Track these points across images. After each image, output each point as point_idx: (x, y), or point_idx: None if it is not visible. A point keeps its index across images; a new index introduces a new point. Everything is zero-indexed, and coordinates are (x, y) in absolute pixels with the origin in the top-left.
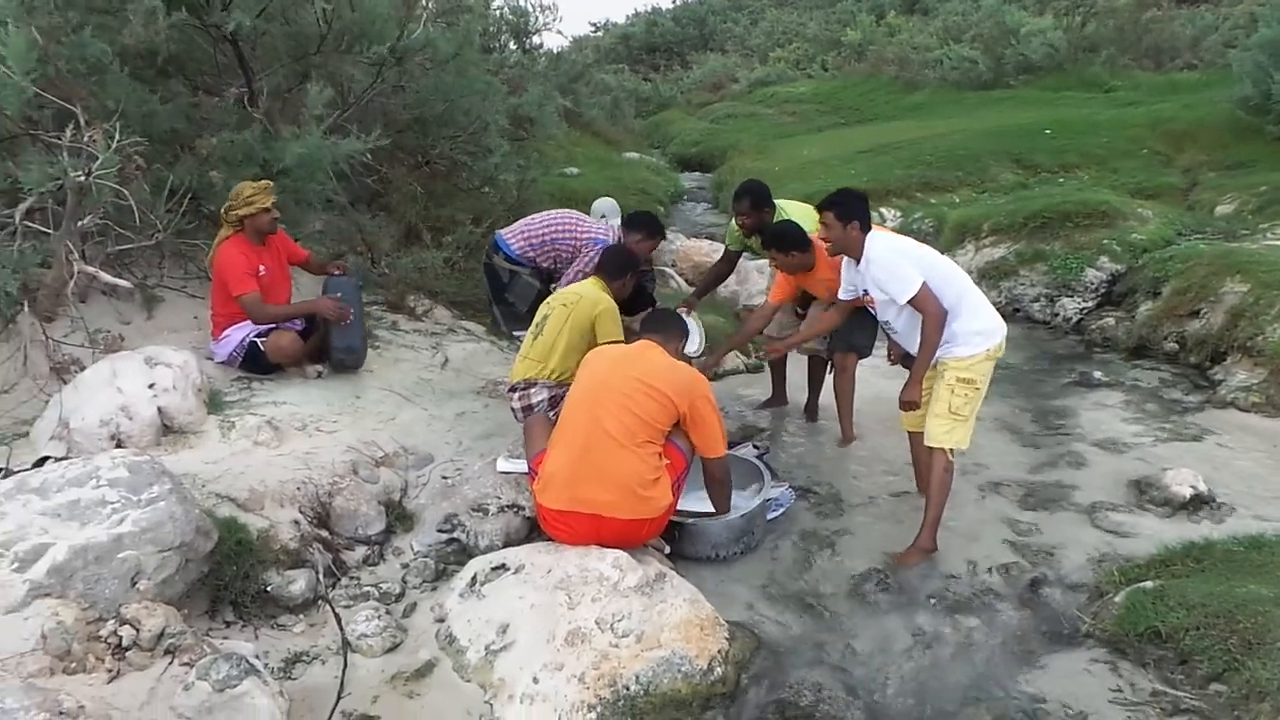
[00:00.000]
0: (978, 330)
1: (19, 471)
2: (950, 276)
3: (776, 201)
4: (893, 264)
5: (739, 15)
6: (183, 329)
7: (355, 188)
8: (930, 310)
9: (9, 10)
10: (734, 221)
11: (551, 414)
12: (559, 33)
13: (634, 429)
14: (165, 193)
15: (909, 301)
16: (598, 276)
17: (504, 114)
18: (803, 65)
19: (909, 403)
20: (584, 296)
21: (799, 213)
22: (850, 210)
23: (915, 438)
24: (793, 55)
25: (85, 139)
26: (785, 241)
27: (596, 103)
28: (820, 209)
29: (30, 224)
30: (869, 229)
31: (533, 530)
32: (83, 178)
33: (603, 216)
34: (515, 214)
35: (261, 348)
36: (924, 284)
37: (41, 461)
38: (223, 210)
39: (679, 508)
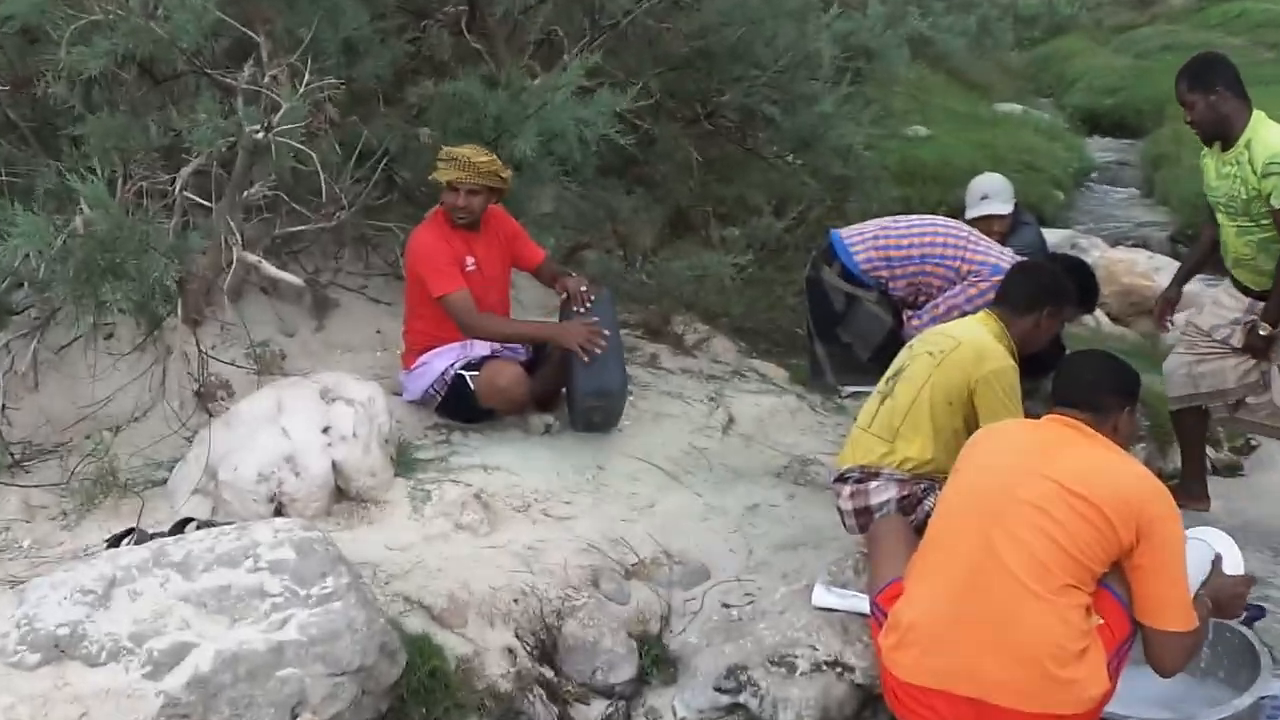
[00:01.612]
0: None
1: (155, 535)
2: None
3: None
4: None
5: None
6: (360, 348)
7: (604, 151)
8: None
9: None
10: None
11: (909, 520)
12: None
13: (1051, 565)
14: (354, 156)
15: None
16: (992, 310)
17: (830, 44)
18: None
19: None
20: (963, 343)
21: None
22: None
23: None
24: None
25: (266, 79)
26: None
27: (956, 25)
28: None
29: (187, 194)
30: None
31: (867, 704)
32: (260, 134)
33: (983, 198)
34: (838, 197)
35: (471, 385)
36: None
37: (182, 525)
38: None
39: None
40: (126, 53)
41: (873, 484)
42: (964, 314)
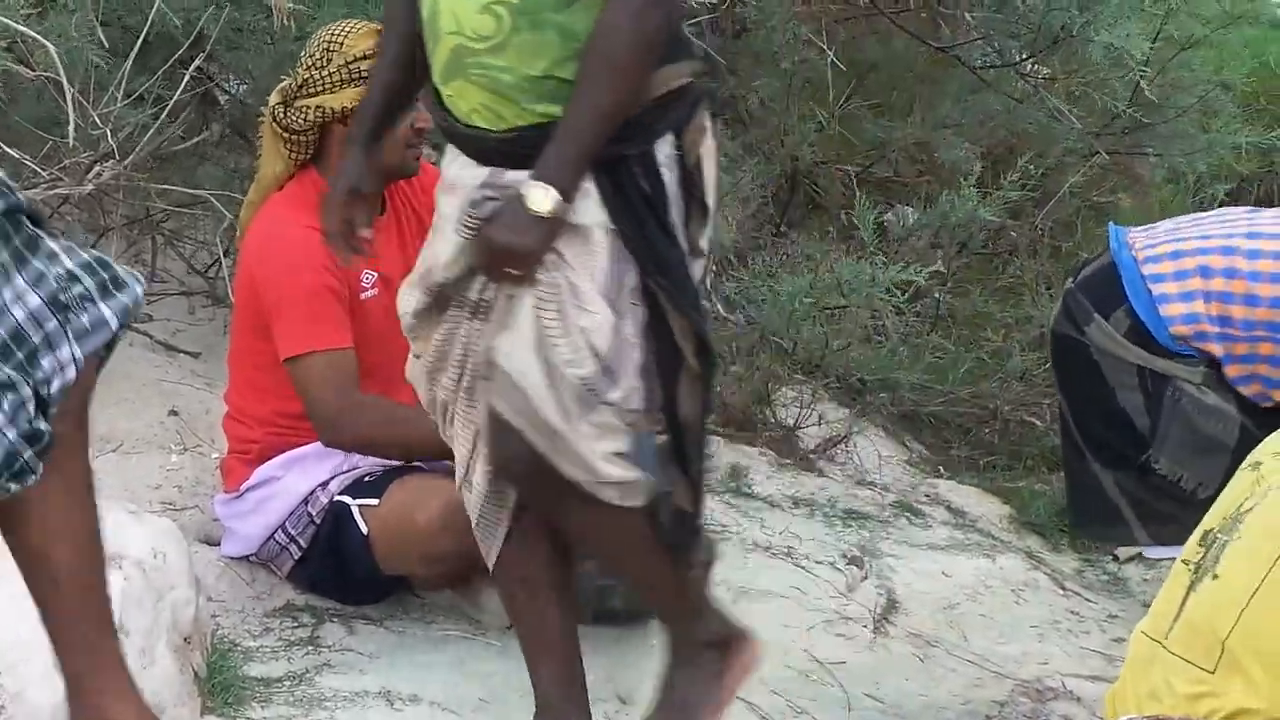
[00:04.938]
0: None
1: None
2: None
3: None
4: None
5: None
6: (136, 444)
7: None
8: None
9: None
10: None
11: None
12: None
13: None
14: (135, 48)
15: None
16: None
17: None
18: None
19: None
20: None
21: None
22: None
23: None
24: None
25: None
26: None
27: None
28: None
29: None
30: None
31: None
32: None
33: None
34: (1121, 149)
35: (363, 527)
36: None
37: None
38: (280, 95)
39: None
40: None
41: None
42: None
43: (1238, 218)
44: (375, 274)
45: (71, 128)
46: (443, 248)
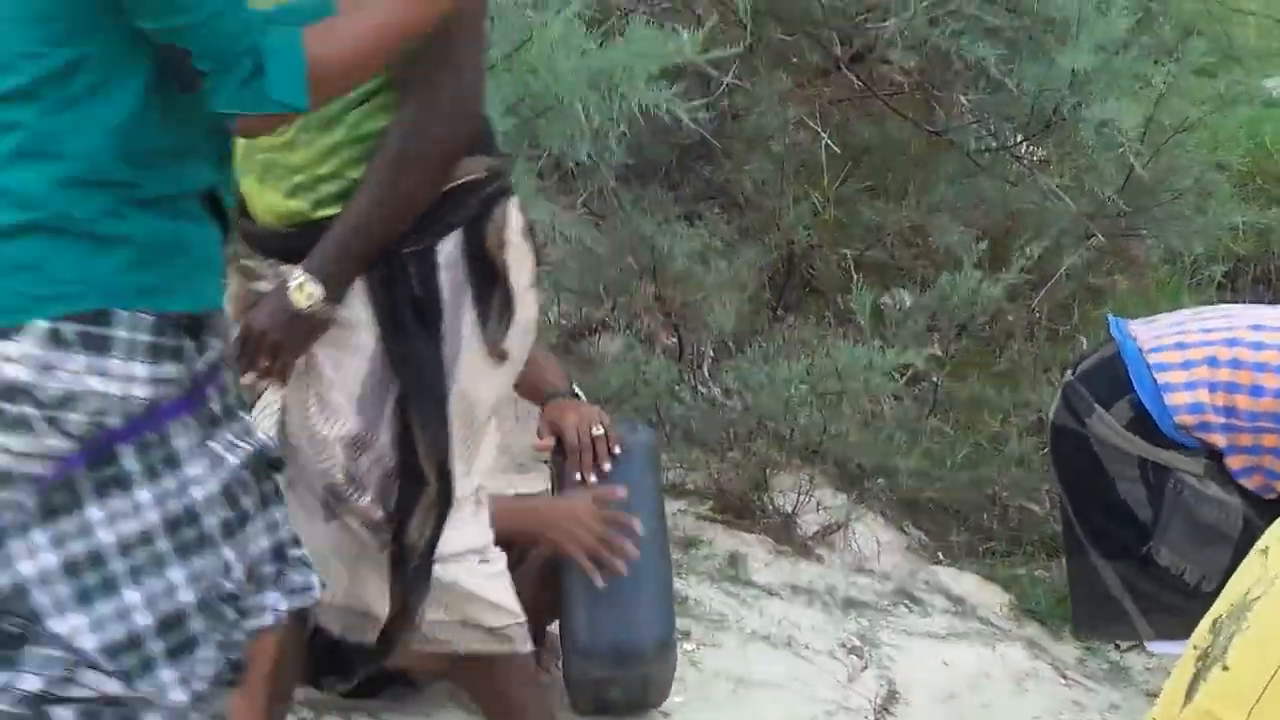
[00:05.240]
0: None
1: None
2: None
3: None
4: None
5: None
6: None
7: (643, 137)
8: None
9: None
10: None
11: None
12: None
13: None
14: None
15: None
16: None
17: None
18: None
19: None
20: None
21: None
22: None
23: None
24: None
25: None
26: None
27: None
28: None
29: None
30: None
31: None
32: None
33: None
34: (1119, 232)
35: None
36: None
37: None
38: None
39: None
40: None
41: None
42: None
43: (1241, 311)
44: None
45: None
46: None
